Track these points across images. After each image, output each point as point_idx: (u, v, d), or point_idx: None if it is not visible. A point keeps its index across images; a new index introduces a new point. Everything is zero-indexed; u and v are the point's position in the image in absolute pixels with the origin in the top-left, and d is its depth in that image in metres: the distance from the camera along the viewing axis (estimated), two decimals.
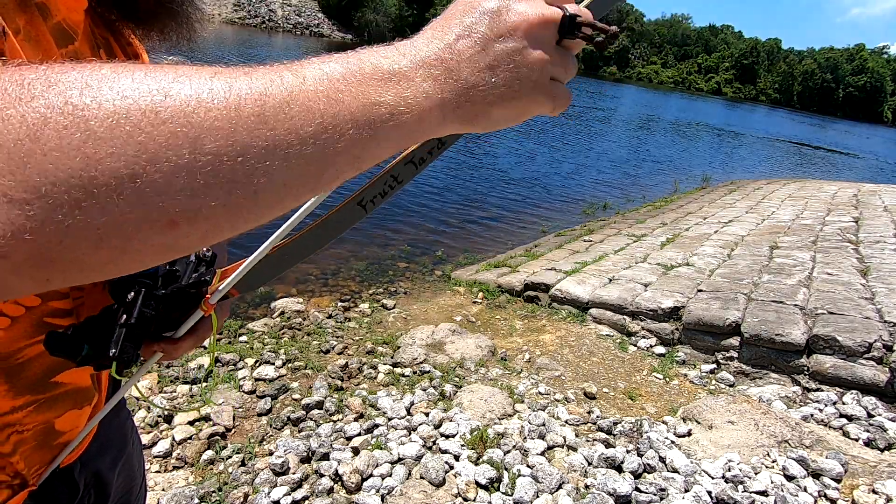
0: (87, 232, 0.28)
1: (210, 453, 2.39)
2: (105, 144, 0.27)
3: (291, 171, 0.32)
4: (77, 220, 0.28)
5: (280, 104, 0.31)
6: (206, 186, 0.30)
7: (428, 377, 3.19)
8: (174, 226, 0.30)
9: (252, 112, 0.31)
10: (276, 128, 0.31)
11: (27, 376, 0.59)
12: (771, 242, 5.96)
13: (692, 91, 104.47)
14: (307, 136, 0.32)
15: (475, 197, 8.90)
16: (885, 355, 3.20)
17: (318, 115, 0.32)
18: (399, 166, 0.54)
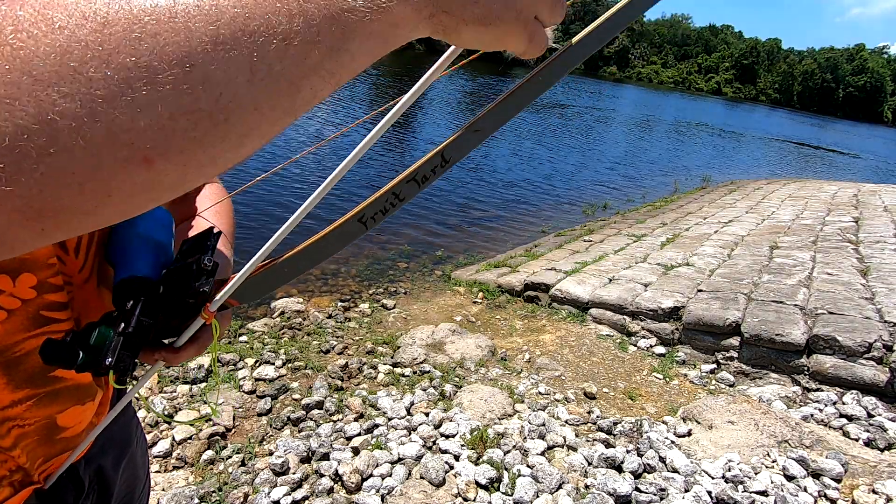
0: (63, 178, 0.27)
1: (210, 453, 2.39)
2: (56, 86, 0.25)
3: (259, 90, 0.30)
4: (48, 167, 0.26)
5: (236, 18, 0.28)
6: (171, 118, 0.28)
7: (428, 377, 3.19)
8: (149, 163, 0.28)
9: (205, 31, 0.28)
10: (237, 47, 0.28)
11: (25, 369, 0.58)
12: (771, 242, 5.96)
13: (692, 91, 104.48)
14: (273, 53, 0.29)
15: (475, 197, 8.90)
16: (885, 355, 3.20)
17: (282, 29, 0.29)
18: (401, 184, 0.53)
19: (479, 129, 0.56)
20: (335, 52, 0.31)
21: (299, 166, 8.69)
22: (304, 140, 10.41)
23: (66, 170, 0.27)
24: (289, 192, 7.54)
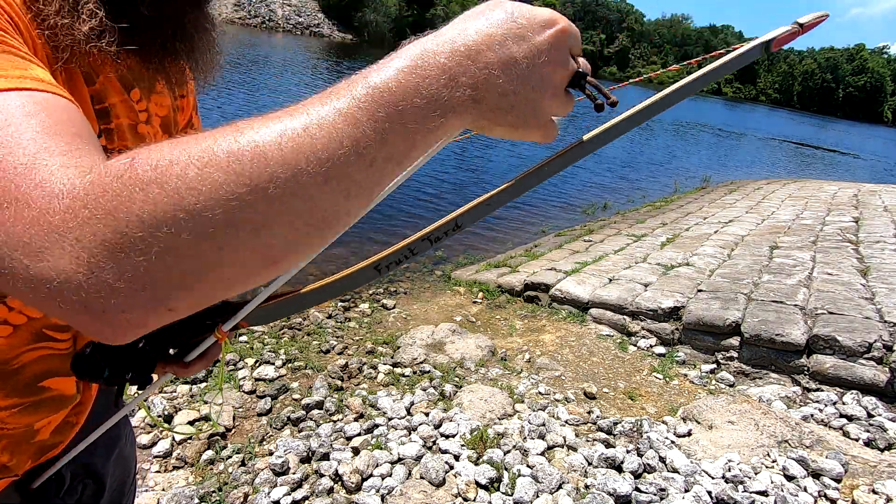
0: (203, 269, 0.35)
1: (210, 453, 2.39)
2: (202, 196, 0.33)
3: (353, 204, 0.39)
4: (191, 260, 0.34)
5: (336, 153, 0.36)
6: (307, 233, 0.37)
7: (428, 377, 3.19)
8: (275, 263, 0.37)
9: (316, 170, 0.36)
10: (337, 177, 0.37)
11: (18, 380, 0.61)
12: (771, 242, 5.96)
13: None
14: (360, 174, 0.38)
15: (475, 197, 8.88)
16: (885, 355, 3.20)
17: (399, 119, 0.38)
18: (417, 241, 0.63)
19: (491, 203, 0.67)
20: (403, 160, 0.39)
21: None
22: None
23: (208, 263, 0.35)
24: None
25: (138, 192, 0.33)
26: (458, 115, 0.40)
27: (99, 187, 0.33)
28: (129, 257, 0.33)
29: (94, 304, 0.33)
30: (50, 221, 0.33)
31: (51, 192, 0.34)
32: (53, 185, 0.34)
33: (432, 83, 0.38)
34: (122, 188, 0.33)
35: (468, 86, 0.40)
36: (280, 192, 0.34)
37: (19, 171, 0.35)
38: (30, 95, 0.39)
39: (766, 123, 46.82)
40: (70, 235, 0.33)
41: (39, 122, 0.38)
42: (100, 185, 0.33)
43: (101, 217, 0.33)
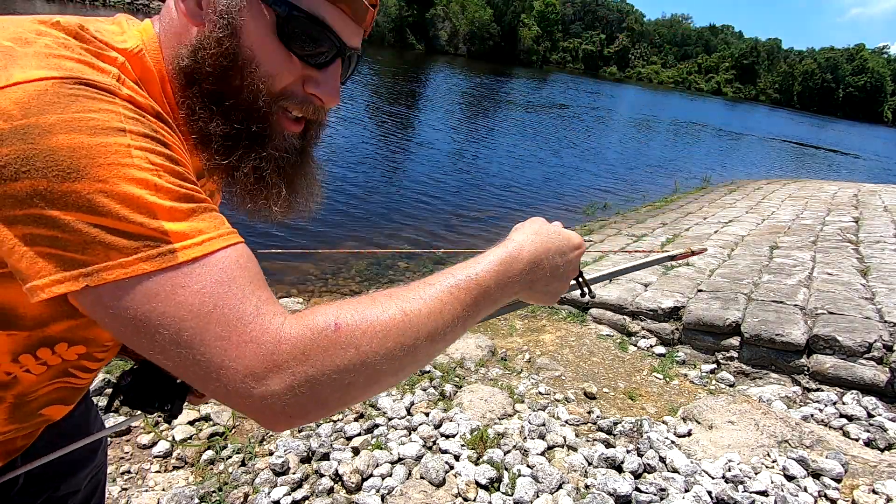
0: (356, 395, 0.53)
1: (210, 453, 2.39)
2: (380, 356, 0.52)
3: (439, 350, 0.58)
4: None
5: (443, 320, 0.56)
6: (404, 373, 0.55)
7: (428, 377, 3.19)
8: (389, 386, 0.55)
9: (428, 335, 0.55)
10: (440, 338, 0.56)
11: (26, 410, 0.65)
12: (771, 242, 5.96)
13: (692, 91, 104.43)
14: (452, 335, 0.58)
15: (475, 197, 8.90)
16: (885, 355, 3.20)
17: (489, 300, 0.62)
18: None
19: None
20: (476, 321, 0.61)
21: None
22: None
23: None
24: None
25: (341, 349, 0.49)
26: (517, 294, 0.67)
27: (310, 339, 0.48)
28: (322, 389, 0.48)
29: (288, 413, 0.48)
30: (276, 359, 0.47)
31: (276, 338, 0.47)
32: (275, 330, 0.47)
33: (513, 282, 0.64)
34: (330, 344, 0.48)
35: (530, 282, 0.67)
36: (421, 353, 0.53)
37: (249, 318, 0.47)
38: (234, 249, 0.51)
39: (766, 123, 46.82)
40: (288, 370, 0.47)
41: (248, 273, 0.50)
42: (311, 337, 0.48)
43: (313, 362, 0.47)
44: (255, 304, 0.48)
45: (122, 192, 0.45)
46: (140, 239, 0.46)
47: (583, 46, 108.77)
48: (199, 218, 0.49)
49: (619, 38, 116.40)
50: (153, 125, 0.51)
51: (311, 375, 0.47)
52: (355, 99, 16.43)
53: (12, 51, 0.47)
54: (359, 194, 7.91)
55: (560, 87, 44.39)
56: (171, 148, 0.51)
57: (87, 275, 0.44)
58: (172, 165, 0.50)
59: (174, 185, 0.49)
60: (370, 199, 7.80)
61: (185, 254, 0.47)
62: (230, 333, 0.46)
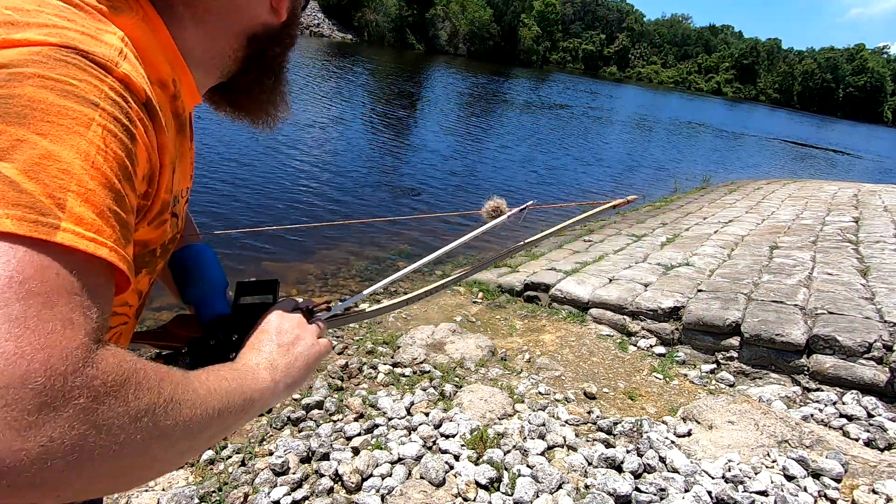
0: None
1: (210, 453, 2.39)
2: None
3: (208, 443, 0.55)
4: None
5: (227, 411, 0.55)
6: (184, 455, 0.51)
7: (428, 377, 3.19)
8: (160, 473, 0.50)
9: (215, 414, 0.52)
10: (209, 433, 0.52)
11: None
12: (771, 242, 5.96)
13: (692, 91, 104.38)
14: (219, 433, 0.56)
15: (474, 197, 8.90)
16: (885, 355, 3.20)
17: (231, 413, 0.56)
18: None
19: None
20: (244, 418, 0.59)
21: (307, 159, 8.68)
22: (300, 131, 10.41)
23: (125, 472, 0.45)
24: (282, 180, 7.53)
25: (150, 393, 0.44)
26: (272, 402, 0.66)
27: (128, 372, 0.43)
28: (103, 440, 0.41)
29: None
30: (74, 382, 0.39)
31: (85, 358, 0.40)
32: (91, 352, 0.41)
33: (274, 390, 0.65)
34: (140, 384, 0.43)
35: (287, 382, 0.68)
36: (198, 423, 0.49)
37: (74, 327, 0.40)
38: (111, 275, 0.46)
39: (766, 123, 46.81)
40: (79, 400, 0.39)
41: (103, 301, 0.44)
42: (129, 369, 0.43)
43: (115, 400, 0.41)
44: (90, 324, 0.41)
45: (52, 151, 0.42)
46: (30, 199, 0.40)
47: (583, 46, 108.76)
48: (111, 222, 0.44)
49: (619, 38, 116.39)
50: (133, 114, 0.49)
51: (100, 415, 0.39)
52: (355, 99, 16.43)
53: (14, 19, 0.47)
54: (358, 194, 7.91)
55: (560, 87, 44.37)
56: (137, 146, 0.49)
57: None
58: (126, 161, 0.47)
59: (113, 176, 0.45)
60: (370, 200, 7.80)
61: (65, 237, 0.41)
62: (38, 327, 0.37)
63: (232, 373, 0.59)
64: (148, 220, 0.58)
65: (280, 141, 9.78)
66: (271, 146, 9.31)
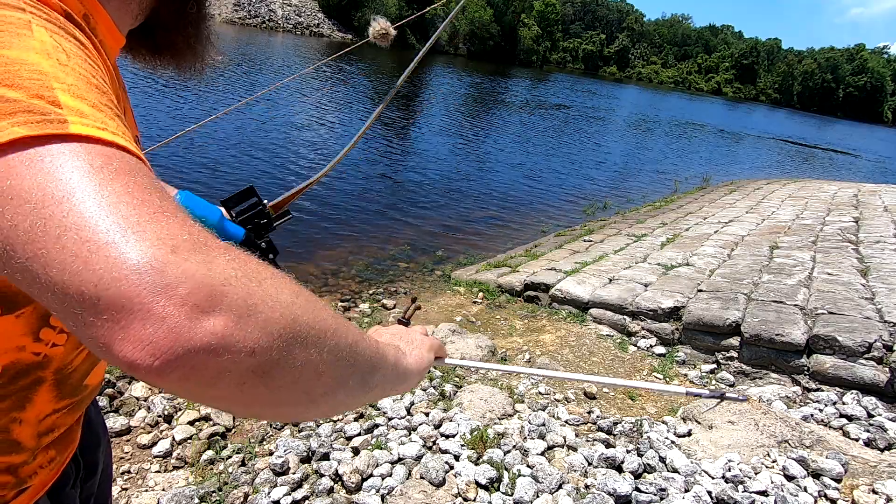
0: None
1: (210, 453, 2.39)
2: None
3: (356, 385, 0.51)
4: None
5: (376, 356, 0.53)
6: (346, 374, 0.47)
7: (428, 377, 3.19)
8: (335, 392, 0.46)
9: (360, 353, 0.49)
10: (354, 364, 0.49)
11: (70, 383, 0.66)
12: (771, 242, 5.96)
13: (692, 91, 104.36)
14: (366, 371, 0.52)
15: (475, 197, 8.89)
16: (885, 355, 3.20)
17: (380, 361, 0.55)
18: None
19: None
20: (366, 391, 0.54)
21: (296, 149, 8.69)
22: (300, 122, 10.42)
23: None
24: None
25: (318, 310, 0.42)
26: (396, 381, 0.63)
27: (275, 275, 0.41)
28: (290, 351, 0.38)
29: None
30: (225, 289, 0.36)
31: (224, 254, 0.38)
32: (223, 248, 0.38)
33: (400, 365, 0.63)
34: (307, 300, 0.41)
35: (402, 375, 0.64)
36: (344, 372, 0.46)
37: (182, 216, 0.37)
38: (142, 161, 0.41)
39: (766, 123, 46.81)
40: (255, 308, 0.36)
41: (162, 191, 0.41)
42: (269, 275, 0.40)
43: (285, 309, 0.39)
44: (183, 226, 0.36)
45: (12, 56, 0.38)
46: (23, 104, 0.36)
47: (583, 46, 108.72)
48: (107, 115, 0.40)
49: (619, 38, 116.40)
50: (60, 21, 0.45)
51: (284, 327, 0.37)
52: (354, 100, 16.43)
53: None
54: (358, 195, 7.91)
55: (560, 87, 44.36)
56: (84, 47, 0.45)
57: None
58: (85, 56, 0.43)
59: (83, 71, 0.42)
60: (370, 199, 7.80)
61: (78, 127, 0.37)
62: (163, 224, 0.34)
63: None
64: None
65: (279, 141, 9.78)
66: (270, 146, 9.31)
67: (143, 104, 10.18)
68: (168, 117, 9.85)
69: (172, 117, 9.87)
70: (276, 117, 11.53)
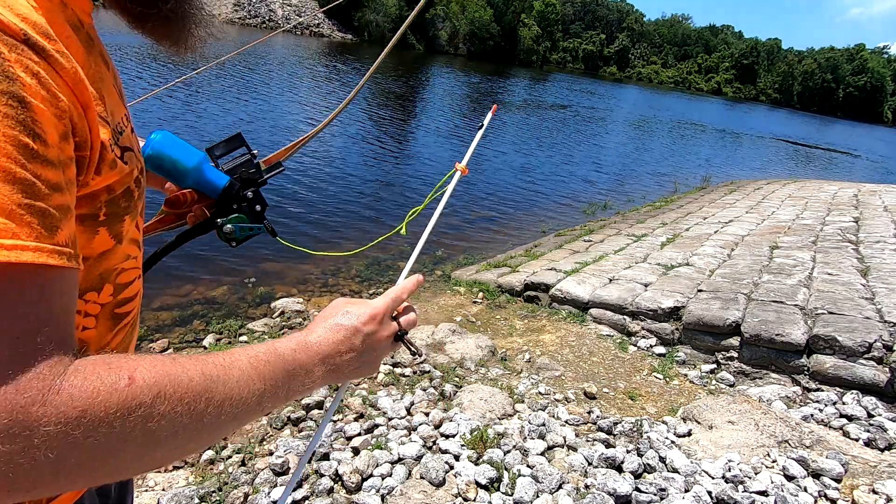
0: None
1: (210, 453, 2.39)
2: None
3: (231, 428, 0.53)
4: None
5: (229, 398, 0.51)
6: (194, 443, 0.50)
7: (428, 377, 3.19)
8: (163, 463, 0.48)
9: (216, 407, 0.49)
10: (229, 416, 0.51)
11: None
12: (771, 242, 5.96)
13: (692, 91, 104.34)
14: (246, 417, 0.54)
15: (475, 197, 8.89)
16: (885, 355, 3.20)
17: (290, 377, 0.59)
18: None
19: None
20: (283, 398, 0.58)
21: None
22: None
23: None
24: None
25: (127, 406, 0.42)
26: (323, 378, 0.63)
27: (95, 392, 0.41)
28: (77, 455, 0.40)
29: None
30: (37, 413, 0.38)
31: (48, 386, 0.39)
32: (52, 377, 0.39)
33: (313, 362, 0.62)
34: (118, 401, 0.41)
35: (333, 364, 0.64)
36: (210, 424, 0.48)
37: (24, 352, 0.39)
38: (49, 272, 0.41)
39: (766, 123, 46.80)
40: (46, 427, 0.38)
41: (50, 304, 0.41)
42: (97, 389, 0.41)
43: (86, 418, 0.40)
44: (41, 339, 0.39)
45: None
46: None
47: (583, 46, 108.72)
48: (23, 220, 0.39)
49: (619, 38, 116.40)
50: (13, 67, 0.39)
51: (73, 439, 0.38)
52: (353, 100, 16.40)
53: None
54: (358, 195, 7.91)
55: (560, 87, 44.37)
56: (32, 108, 0.39)
57: None
58: (23, 137, 0.39)
59: (11, 163, 0.38)
60: (370, 199, 7.80)
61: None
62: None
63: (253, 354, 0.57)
64: (95, 168, 0.50)
65: (276, 142, 9.77)
66: (268, 147, 9.31)
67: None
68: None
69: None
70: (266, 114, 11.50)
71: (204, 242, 5.30)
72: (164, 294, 4.34)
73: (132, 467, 0.44)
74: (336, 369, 0.64)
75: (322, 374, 0.62)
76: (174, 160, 0.86)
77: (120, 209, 0.56)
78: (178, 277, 4.62)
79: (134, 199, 0.59)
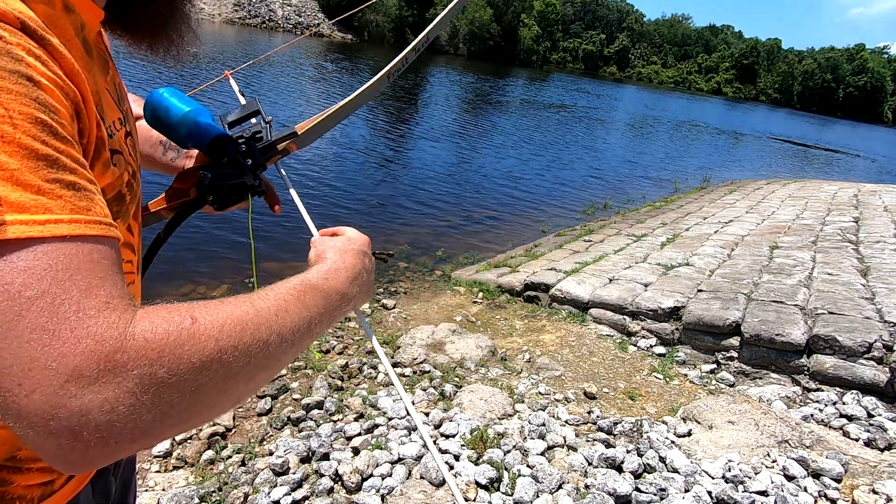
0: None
1: (210, 453, 2.39)
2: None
3: (288, 358, 0.56)
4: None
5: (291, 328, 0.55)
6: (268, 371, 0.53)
7: (428, 377, 3.19)
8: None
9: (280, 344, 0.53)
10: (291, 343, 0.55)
11: None
12: (771, 242, 5.96)
13: (692, 91, 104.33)
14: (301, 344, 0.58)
15: (475, 197, 8.90)
16: (885, 355, 3.19)
17: (328, 301, 0.63)
18: (410, 53, 1.06)
19: (418, 48, 1.07)
20: (328, 322, 0.63)
21: None
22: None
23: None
24: None
25: (198, 344, 0.44)
26: (354, 298, 0.72)
27: (165, 333, 0.42)
28: (169, 394, 0.41)
29: (108, 435, 0.39)
30: (118, 359, 0.39)
31: (122, 334, 0.40)
32: (123, 326, 0.40)
33: (345, 284, 0.69)
34: (187, 339, 0.43)
35: (358, 284, 0.73)
36: (273, 352, 0.51)
37: (91, 311, 0.40)
38: (88, 242, 0.42)
39: (766, 123, 46.79)
40: (132, 372, 0.40)
41: (100, 269, 0.42)
42: (166, 331, 0.42)
43: (164, 361, 0.41)
44: (102, 299, 0.40)
45: None
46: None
47: (583, 46, 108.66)
48: (54, 193, 0.39)
49: (619, 38, 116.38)
50: (16, 49, 0.39)
51: (160, 378, 0.40)
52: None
53: None
54: (358, 195, 7.92)
55: (560, 87, 44.36)
56: (42, 87, 0.40)
57: None
58: (39, 113, 0.39)
59: (33, 140, 0.38)
60: (370, 199, 7.80)
61: (17, 230, 0.37)
62: (59, 326, 0.37)
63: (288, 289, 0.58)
64: (90, 163, 0.50)
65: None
66: None
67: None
68: None
69: None
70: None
71: (204, 242, 5.30)
72: (165, 294, 4.34)
73: (218, 403, 0.47)
74: (364, 290, 0.73)
75: (356, 294, 0.71)
76: (167, 107, 0.84)
77: (111, 213, 0.56)
78: (178, 277, 4.63)
79: (125, 202, 0.59)
